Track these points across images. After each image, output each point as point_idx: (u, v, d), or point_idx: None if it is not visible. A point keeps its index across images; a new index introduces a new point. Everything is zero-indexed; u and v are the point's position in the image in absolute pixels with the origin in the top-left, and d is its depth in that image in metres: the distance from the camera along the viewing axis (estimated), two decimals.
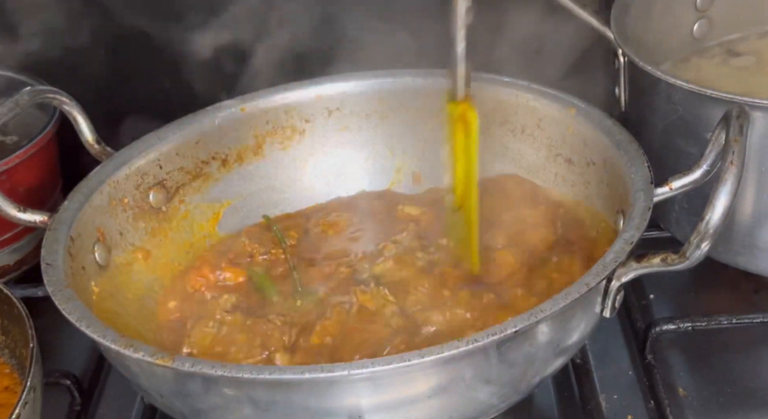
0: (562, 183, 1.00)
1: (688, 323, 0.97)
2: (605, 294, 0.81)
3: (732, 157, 0.77)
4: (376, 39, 1.11)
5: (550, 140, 1.01)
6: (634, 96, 1.04)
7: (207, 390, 0.75)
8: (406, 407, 0.76)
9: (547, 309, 0.74)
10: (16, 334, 0.88)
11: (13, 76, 1.19)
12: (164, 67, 1.23)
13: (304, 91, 1.09)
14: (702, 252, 0.76)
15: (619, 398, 0.93)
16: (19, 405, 0.75)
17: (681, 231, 1.02)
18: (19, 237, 1.09)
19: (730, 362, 0.96)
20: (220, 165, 1.07)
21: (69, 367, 0.99)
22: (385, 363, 0.71)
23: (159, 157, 1.02)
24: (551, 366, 0.82)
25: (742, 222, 0.95)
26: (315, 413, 0.74)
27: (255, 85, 1.09)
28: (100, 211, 0.96)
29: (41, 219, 0.92)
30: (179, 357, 0.73)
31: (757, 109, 0.88)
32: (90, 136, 1.03)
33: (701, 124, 0.92)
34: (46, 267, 0.85)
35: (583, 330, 0.82)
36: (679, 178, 0.85)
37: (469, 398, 0.77)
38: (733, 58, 1.13)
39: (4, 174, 1.04)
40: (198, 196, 1.06)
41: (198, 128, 1.05)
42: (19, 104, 0.95)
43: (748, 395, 0.93)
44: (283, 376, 0.71)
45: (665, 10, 1.11)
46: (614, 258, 0.78)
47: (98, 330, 0.78)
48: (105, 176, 0.98)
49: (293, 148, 1.10)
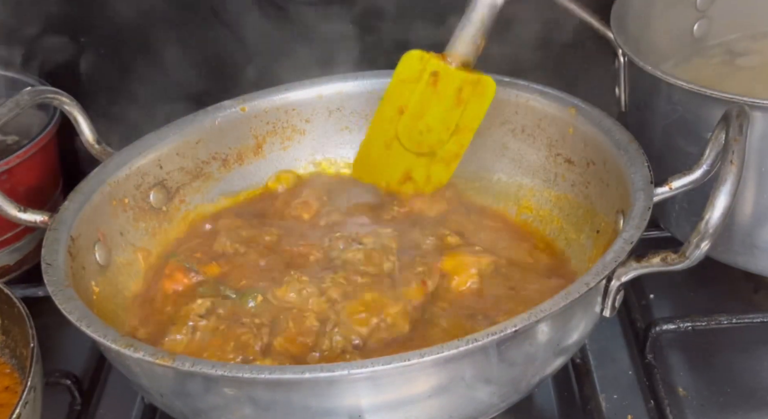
0: (562, 183, 1.00)
1: (688, 323, 0.97)
2: (605, 294, 0.81)
3: (732, 156, 0.77)
4: None
5: (550, 140, 1.01)
6: (634, 96, 1.04)
7: (207, 389, 0.75)
8: (406, 407, 0.76)
9: (547, 309, 0.74)
10: (17, 334, 0.88)
11: (13, 76, 1.19)
12: (164, 67, 1.23)
13: (304, 91, 1.09)
14: (702, 251, 0.76)
15: (619, 398, 0.93)
16: (20, 405, 0.75)
17: (681, 231, 1.02)
18: (20, 237, 1.09)
19: (730, 362, 0.96)
20: (220, 165, 1.07)
21: (69, 367, 0.99)
22: (385, 363, 0.71)
23: (159, 157, 1.02)
24: (551, 365, 0.82)
25: (742, 222, 0.95)
26: (315, 413, 0.74)
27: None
28: (101, 211, 0.96)
29: (42, 219, 0.92)
30: (179, 357, 0.73)
31: (757, 109, 0.88)
32: (90, 136, 1.03)
33: (701, 124, 0.92)
34: (46, 267, 0.85)
35: (583, 329, 0.82)
36: (679, 177, 0.85)
37: (469, 397, 0.77)
38: (739, 58, 1.13)
39: (4, 174, 1.04)
40: (198, 196, 1.06)
41: (198, 128, 1.05)
42: (19, 104, 0.95)
43: (748, 395, 0.93)
44: (283, 376, 0.71)
45: (665, 10, 1.11)
46: (614, 257, 0.78)
47: (98, 330, 0.78)
48: (105, 176, 0.98)
49: (293, 148, 1.10)
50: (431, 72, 1.00)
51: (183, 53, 1.21)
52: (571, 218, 0.99)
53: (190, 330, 0.87)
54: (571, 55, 1.23)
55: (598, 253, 0.91)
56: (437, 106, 1.01)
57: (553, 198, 1.01)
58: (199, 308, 0.90)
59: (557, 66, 1.23)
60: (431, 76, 1.00)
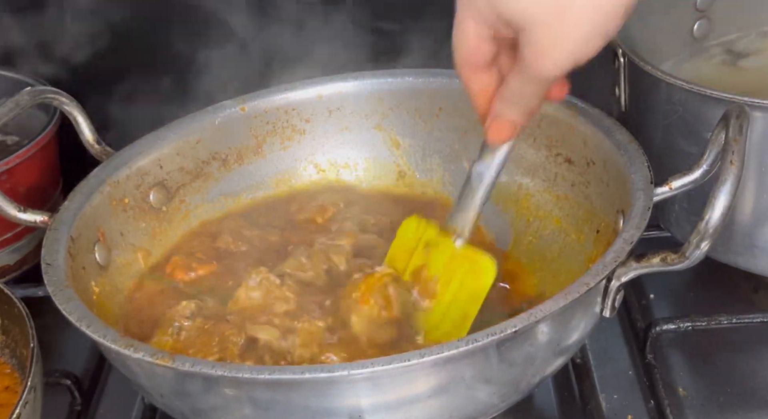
0: (562, 183, 1.00)
1: (688, 323, 0.97)
2: (605, 294, 0.81)
3: (732, 156, 0.77)
4: None
5: (550, 140, 1.01)
6: (634, 96, 1.04)
7: (207, 389, 0.75)
8: (406, 407, 0.76)
9: (546, 309, 0.74)
10: (17, 334, 0.88)
11: (13, 76, 1.19)
12: (164, 67, 1.23)
13: (304, 91, 1.09)
14: (702, 251, 0.76)
15: (619, 398, 0.93)
16: (20, 405, 0.75)
17: (681, 231, 1.02)
18: (20, 237, 1.09)
19: (730, 362, 0.96)
20: (220, 165, 1.07)
21: (69, 367, 0.99)
22: (385, 363, 0.71)
23: (159, 157, 1.02)
24: (551, 365, 0.82)
25: (742, 222, 0.95)
26: (315, 413, 0.74)
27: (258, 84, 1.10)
28: (101, 211, 0.96)
29: (42, 219, 0.92)
30: (179, 357, 0.73)
31: (757, 109, 0.88)
32: (90, 136, 1.03)
33: (701, 124, 0.92)
34: (46, 267, 0.85)
35: (582, 329, 0.82)
36: (679, 177, 0.85)
37: (469, 398, 0.77)
38: (740, 58, 1.13)
39: (4, 174, 1.04)
40: (198, 195, 1.06)
41: (198, 128, 1.05)
42: (19, 104, 0.95)
43: (748, 395, 0.93)
44: (283, 376, 0.71)
45: (665, 10, 1.11)
46: (614, 257, 0.78)
47: (98, 330, 0.78)
48: (105, 176, 0.98)
49: (293, 148, 1.10)
50: (425, 242, 0.91)
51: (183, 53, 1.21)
52: (571, 218, 0.99)
53: (176, 331, 0.88)
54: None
55: (598, 253, 0.91)
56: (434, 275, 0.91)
57: (553, 198, 1.01)
58: (183, 310, 0.90)
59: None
60: (425, 247, 0.91)
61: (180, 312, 0.90)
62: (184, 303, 0.91)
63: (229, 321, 0.88)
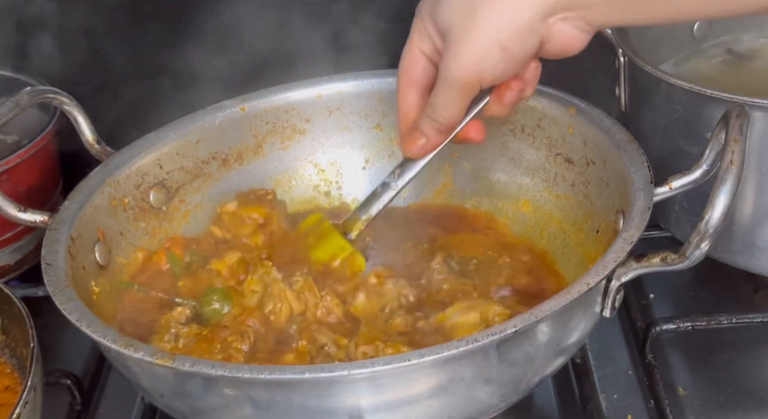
0: (562, 183, 1.00)
1: (688, 323, 0.97)
2: (605, 294, 0.81)
3: (732, 156, 0.77)
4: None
5: (550, 140, 1.01)
6: (634, 96, 1.04)
7: (207, 389, 0.75)
8: (406, 407, 0.76)
9: (547, 309, 0.74)
10: (17, 334, 0.88)
11: (13, 76, 1.19)
12: (163, 67, 1.23)
13: (304, 91, 1.09)
14: (702, 251, 0.76)
15: (619, 398, 0.93)
16: (20, 405, 0.75)
17: (681, 230, 1.02)
18: (20, 236, 1.09)
19: (730, 362, 0.96)
20: (220, 165, 1.07)
21: (69, 367, 0.99)
22: (385, 363, 0.71)
23: (159, 157, 1.02)
24: (551, 365, 0.82)
25: (742, 222, 0.95)
26: (315, 413, 0.74)
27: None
28: (101, 211, 0.96)
29: (42, 219, 0.92)
30: (179, 357, 0.73)
31: (757, 109, 0.88)
32: (90, 136, 1.03)
33: (701, 124, 0.92)
34: (46, 267, 0.85)
35: (583, 329, 0.82)
36: (679, 177, 0.85)
37: (469, 398, 0.77)
38: (739, 58, 1.13)
39: (4, 174, 1.04)
40: (198, 195, 1.06)
41: (198, 128, 1.05)
42: (19, 104, 0.95)
43: (748, 395, 0.93)
44: (283, 376, 0.71)
45: None
46: (614, 257, 0.78)
47: (98, 330, 0.78)
48: (105, 176, 0.98)
49: (293, 148, 1.10)
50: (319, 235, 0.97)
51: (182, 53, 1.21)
52: (571, 218, 0.99)
53: (173, 338, 0.88)
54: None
55: (598, 253, 0.91)
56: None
57: (553, 198, 1.01)
58: (179, 316, 0.90)
59: (557, 66, 1.22)
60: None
61: (175, 318, 0.90)
62: (179, 310, 0.91)
63: (228, 328, 0.88)
